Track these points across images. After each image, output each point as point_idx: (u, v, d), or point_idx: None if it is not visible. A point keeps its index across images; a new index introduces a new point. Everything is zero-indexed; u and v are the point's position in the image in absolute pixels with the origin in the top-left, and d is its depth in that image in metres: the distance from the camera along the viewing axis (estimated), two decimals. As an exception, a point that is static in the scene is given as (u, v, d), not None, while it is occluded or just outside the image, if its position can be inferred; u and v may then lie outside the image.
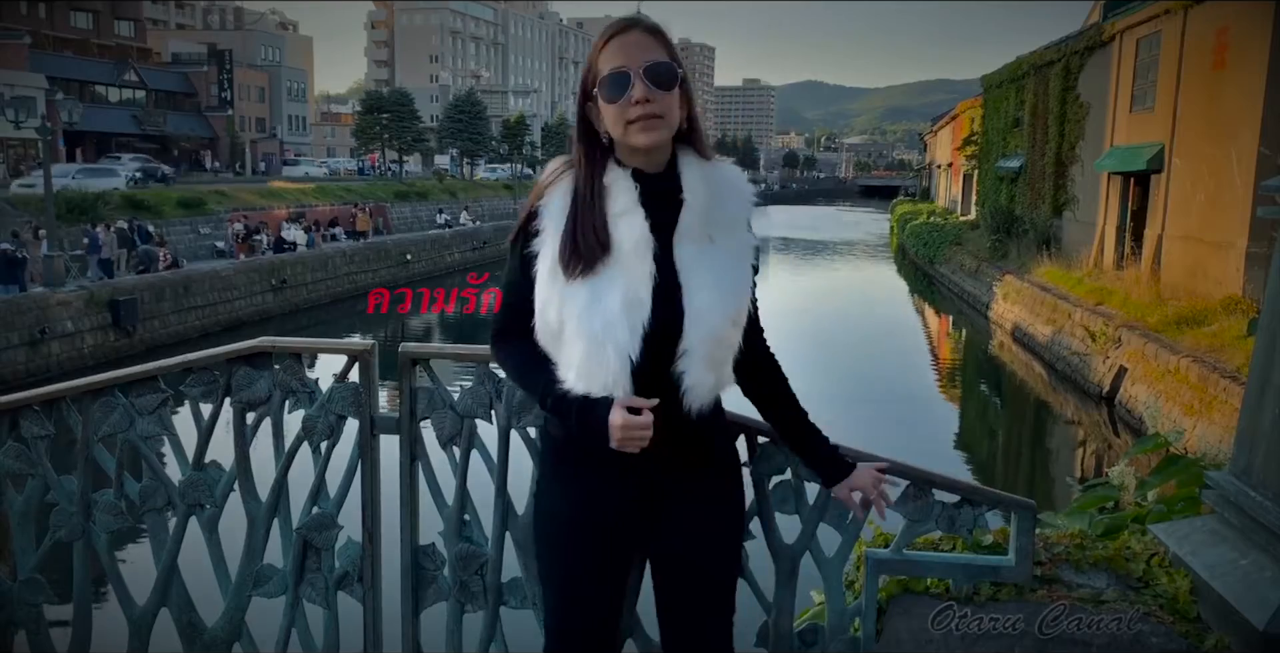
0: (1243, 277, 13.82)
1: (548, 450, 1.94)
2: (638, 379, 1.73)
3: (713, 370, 1.77)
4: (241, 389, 2.31)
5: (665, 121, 1.74)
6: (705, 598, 1.88)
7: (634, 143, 1.74)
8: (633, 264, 1.73)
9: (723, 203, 1.80)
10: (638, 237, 1.74)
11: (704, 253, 1.76)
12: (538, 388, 1.82)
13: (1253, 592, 2.02)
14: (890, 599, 2.24)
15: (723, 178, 1.82)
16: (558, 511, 1.89)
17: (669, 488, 1.83)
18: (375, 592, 2.35)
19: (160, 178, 33.49)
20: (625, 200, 1.76)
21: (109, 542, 2.39)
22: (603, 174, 1.78)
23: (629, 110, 1.72)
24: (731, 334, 1.78)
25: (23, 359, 16.11)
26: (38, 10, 55.27)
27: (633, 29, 1.75)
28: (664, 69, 1.72)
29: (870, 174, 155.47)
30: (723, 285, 1.76)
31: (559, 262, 1.75)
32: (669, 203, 1.77)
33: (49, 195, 18.68)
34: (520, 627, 2.34)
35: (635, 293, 1.73)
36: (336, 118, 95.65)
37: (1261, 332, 2.21)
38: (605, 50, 1.75)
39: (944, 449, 13.05)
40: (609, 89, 1.72)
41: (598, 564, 1.87)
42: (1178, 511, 2.59)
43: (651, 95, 1.71)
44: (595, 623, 1.90)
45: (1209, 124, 15.55)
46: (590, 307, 1.72)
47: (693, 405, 1.76)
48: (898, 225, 48.30)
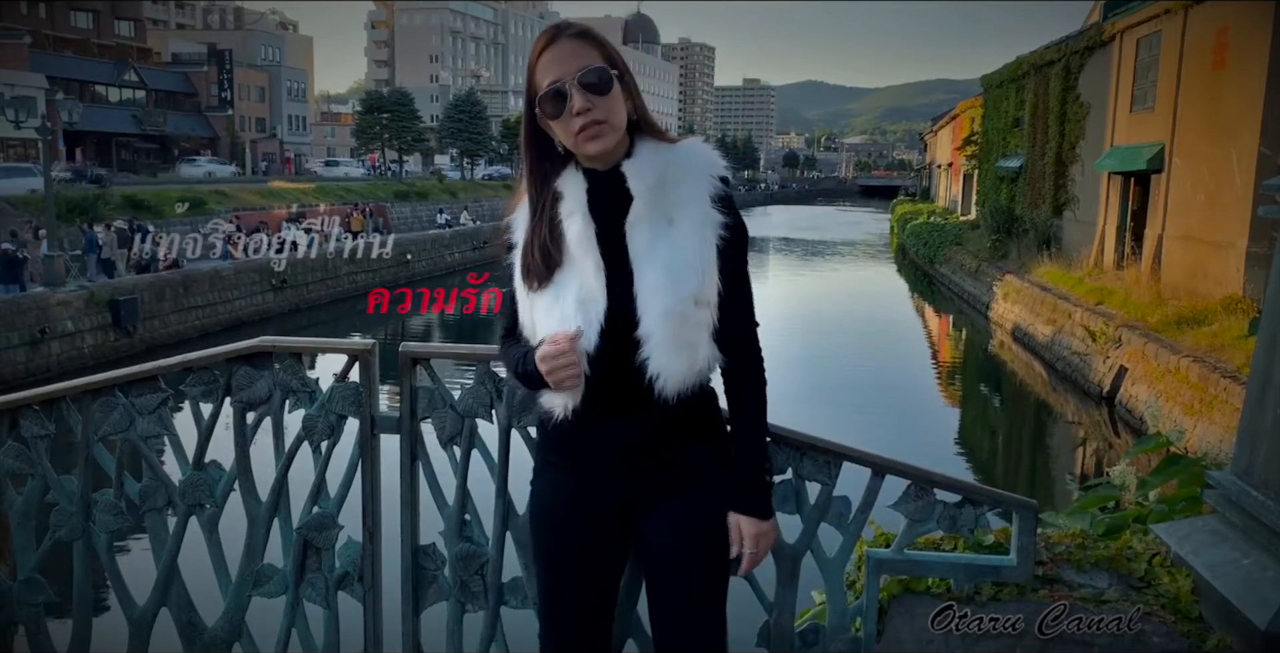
0: (1243, 276, 13.82)
1: (541, 436, 1.96)
2: (609, 374, 1.74)
3: (680, 353, 1.74)
4: (242, 389, 2.31)
5: (610, 125, 1.75)
6: (694, 589, 1.86)
7: (586, 152, 1.77)
8: (582, 262, 1.76)
9: (678, 183, 1.78)
10: (579, 235, 1.76)
11: (660, 236, 1.76)
12: (511, 366, 1.89)
13: (1255, 592, 2.02)
14: (891, 599, 2.24)
15: (680, 158, 1.81)
16: (546, 501, 1.92)
17: (654, 477, 1.83)
18: (376, 592, 2.35)
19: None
20: (570, 204, 1.79)
21: (109, 542, 2.39)
22: (556, 180, 1.82)
23: (572, 122, 1.73)
24: (695, 312, 1.75)
25: (23, 359, 16.11)
26: (38, 10, 55.29)
27: (560, 38, 1.76)
28: (597, 74, 1.73)
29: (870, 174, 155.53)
30: (677, 264, 1.74)
31: (522, 276, 1.83)
32: (624, 196, 1.77)
33: (49, 195, 18.69)
34: (521, 627, 2.34)
35: (588, 289, 1.75)
36: (337, 118, 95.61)
37: (1262, 331, 2.20)
38: (539, 65, 1.76)
39: (945, 449, 13.05)
40: (549, 105, 1.74)
41: (583, 554, 1.89)
42: (1179, 510, 2.58)
43: (590, 103, 1.72)
44: (581, 612, 1.92)
45: (1209, 124, 15.54)
46: (550, 309, 1.78)
47: (665, 391, 1.74)
48: (898, 225, 48.29)
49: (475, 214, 43.27)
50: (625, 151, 1.80)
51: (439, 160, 62.96)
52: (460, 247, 35.78)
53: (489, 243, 38.22)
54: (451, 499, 2.30)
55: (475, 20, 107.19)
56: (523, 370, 1.82)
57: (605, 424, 1.80)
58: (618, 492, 1.84)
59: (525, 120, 1.83)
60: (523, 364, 1.81)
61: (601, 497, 1.85)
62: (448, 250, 34.62)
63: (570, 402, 1.78)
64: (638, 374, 1.74)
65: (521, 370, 1.83)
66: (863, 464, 2.14)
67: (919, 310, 29.17)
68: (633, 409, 1.77)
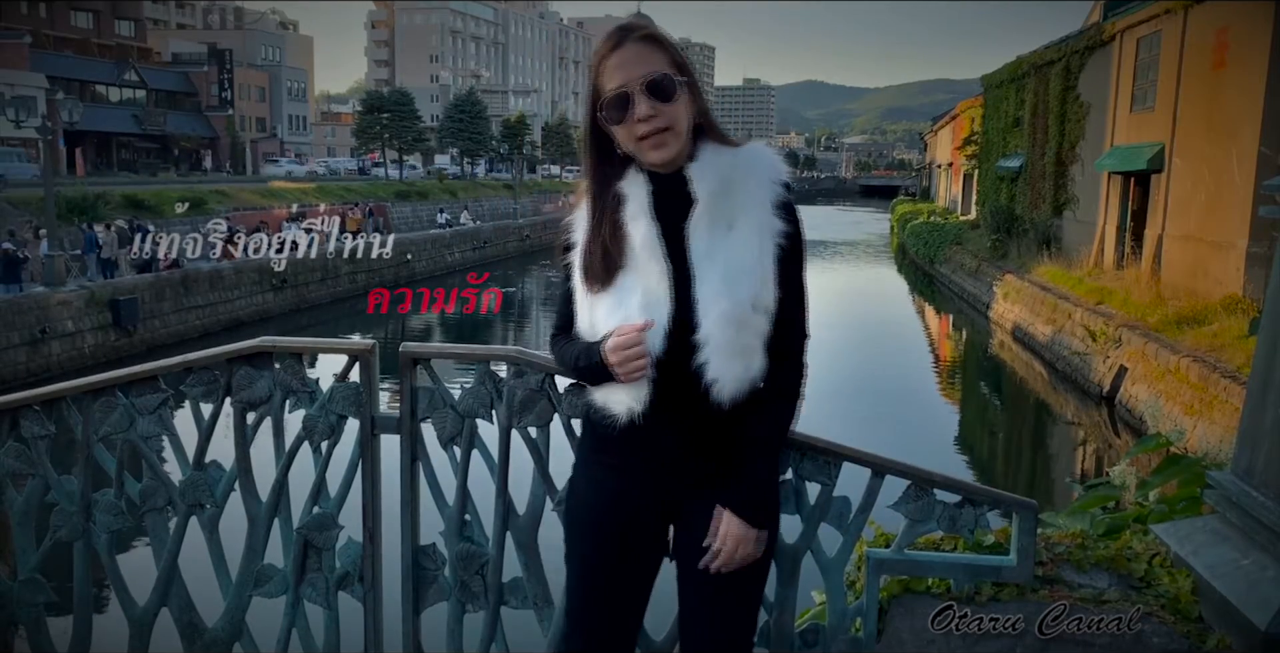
0: (1243, 276, 13.82)
1: (587, 436, 1.95)
2: (666, 376, 1.73)
3: (738, 359, 1.73)
4: (242, 389, 2.30)
5: (674, 132, 1.74)
6: (730, 595, 1.86)
7: (649, 160, 1.76)
8: (646, 265, 1.75)
9: (741, 186, 1.77)
10: (644, 238, 1.75)
11: (720, 241, 1.75)
12: (569, 361, 1.87)
13: (1255, 592, 2.02)
14: (891, 599, 2.24)
15: (744, 162, 1.79)
16: (587, 499, 1.91)
17: (702, 482, 1.83)
18: (376, 592, 2.35)
19: None
20: (635, 205, 1.77)
21: (109, 542, 2.39)
22: (618, 182, 1.79)
23: (636, 128, 1.72)
24: (754, 318, 1.74)
25: (23, 359, 16.11)
26: (38, 10, 55.29)
27: (627, 41, 1.74)
28: (664, 82, 1.71)
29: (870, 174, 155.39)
30: (735, 269, 1.73)
31: (582, 277, 1.81)
32: (686, 199, 1.76)
33: (49, 195, 18.69)
34: (521, 627, 2.34)
35: (653, 293, 1.74)
36: (337, 117, 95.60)
37: (1263, 331, 2.20)
38: (605, 68, 1.74)
39: (945, 449, 13.05)
40: (613, 110, 1.73)
41: (622, 556, 1.88)
42: (1179, 510, 2.58)
43: (655, 110, 1.70)
44: (614, 613, 1.90)
45: (1209, 124, 15.54)
46: (613, 312, 1.76)
47: (721, 396, 1.73)
48: (898, 225, 48.28)
49: (475, 214, 43.28)
50: (688, 154, 1.78)
51: (439, 160, 62.98)
52: (461, 246, 35.77)
53: (489, 243, 38.24)
54: (452, 499, 2.30)
55: (475, 20, 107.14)
56: (585, 364, 1.80)
57: (658, 426, 1.78)
58: (662, 494, 1.84)
59: (587, 122, 1.80)
60: (585, 357, 1.79)
61: (646, 498, 1.84)
62: (448, 250, 34.62)
63: (634, 402, 1.76)
64: (694, 377, 1.73)
65: (585, 364, 1.80)
66: (863, 464, 2.14)
67: (919, 310, 29.17)
68: (686, 412, 1.76)
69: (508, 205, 47.71)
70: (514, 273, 36.68)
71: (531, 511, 2.26)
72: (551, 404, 2.21)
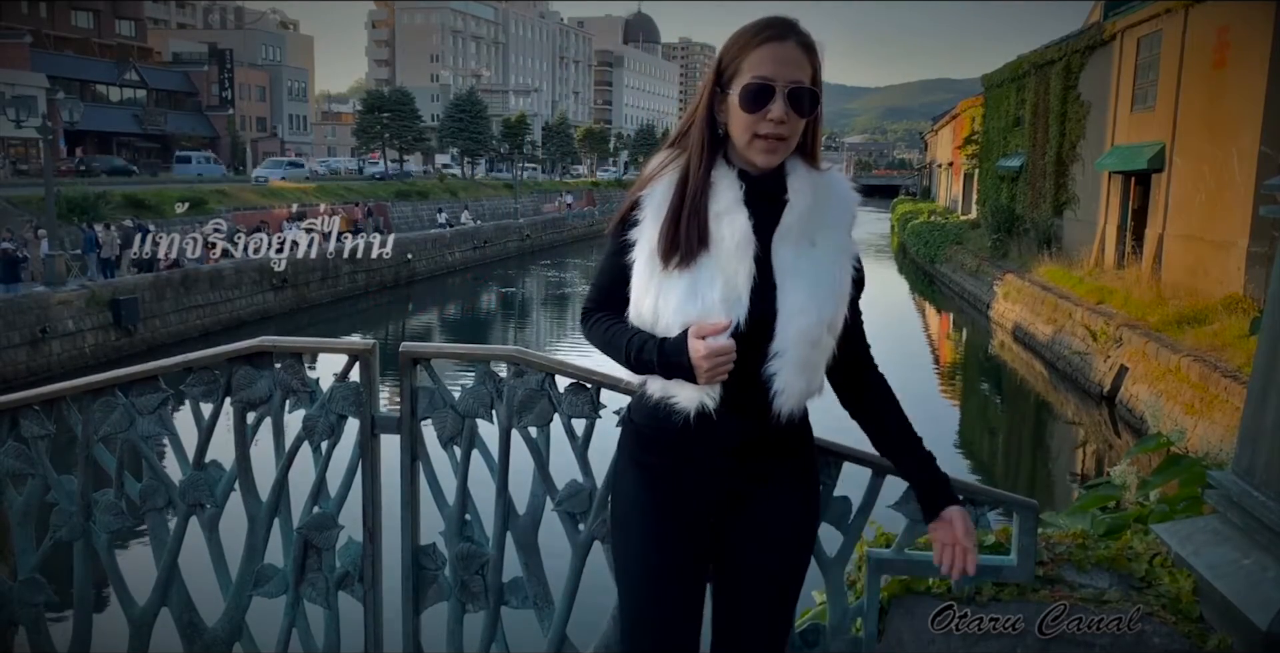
0: (1244, 276, 13.82)
1: (628, 435, 1.90)
2: (736, 381, 1.71)
3: (804, 375, 1.73)
4: (242, 389, 2.30)
5: (788, 144, 1.73)
6: (769, 603, 1.85)
7: (754, 160, 1.74)
8: (732, 262, 1.72)
9: (826, 207, 1.78)
10: (739, 235, 1.72)
11: (803, 255, 1.74)
12: (622, 346, 1.78)
13: (1255, 592, 2.02)
14: (892, 599, 2.24)
15: (827, 184, 1.80)
16: (636, 496, 1.86)
17: (749, 490, 1.82)
18: (376, 592, 2.35)
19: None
20: (728, 199, 1.74)
21: (109, 542, 2.39)
22: (710, 169, 1.77)
23: (760, 125, 1.70)
24: (826, 338, 1.75)
25: (24, 358, 16.12)
26: (39, 9, 55.31)
27: (789, 39, 1.71)
28: (807, 95, 1.70)
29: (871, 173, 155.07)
30: (819, 287, 1.73)
31: (657, 252, 1.74)
32: (772, 204, 1.75)
33: (49, 195, 18.70)
34: (521, 627, 2.34)
35: (734, 290, 1.71)
36: (337, 117, 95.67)
37: (1264, 331, 2.20)
38: (756, 52, 1.71)
39: (945, 449, 13.05)
40: (748, 99, 1.69)
41: (683, 554, 1.84)
42: (1180, 510, 2.58)
43: (788, 117, 1.69)
44: (682, 613, 1.85)
45: (1210, 123, 15.54)
46: (689, 299, 1.71)
47: (783, 409, 1.73)
48: (898, 224, 48.28)
49: (476, 214, 43.29)
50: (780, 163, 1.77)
51: (439, 160, 63.00)
52: (461, 246, 35.79)
53: (489, 242, 38.23)
54: (452, 499, 2.30)
55: (476, 20, 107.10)
56: (658, 359, 1.72)
57: (718, 427, 1.76)
58: (711, 494, 1.81)
59: (705, 98, 1.77)
60: (658, 353, 1.71)
61: (694, 498, 1.82)
62: (448, 250, 34.63)
63: (708, 399, 1.73)
64: (760, 385, 1.72)
65: (656, 359, 1.72)
66: (863, 464, 2.14)
67: (919, 309, 29.16)
68: (746, 417, 1.75)
69: (508, 205, 47.73)
70: (514, 273, 36.68)
71: (532, 510, 2.26)
72: (552, 404, 2.21)
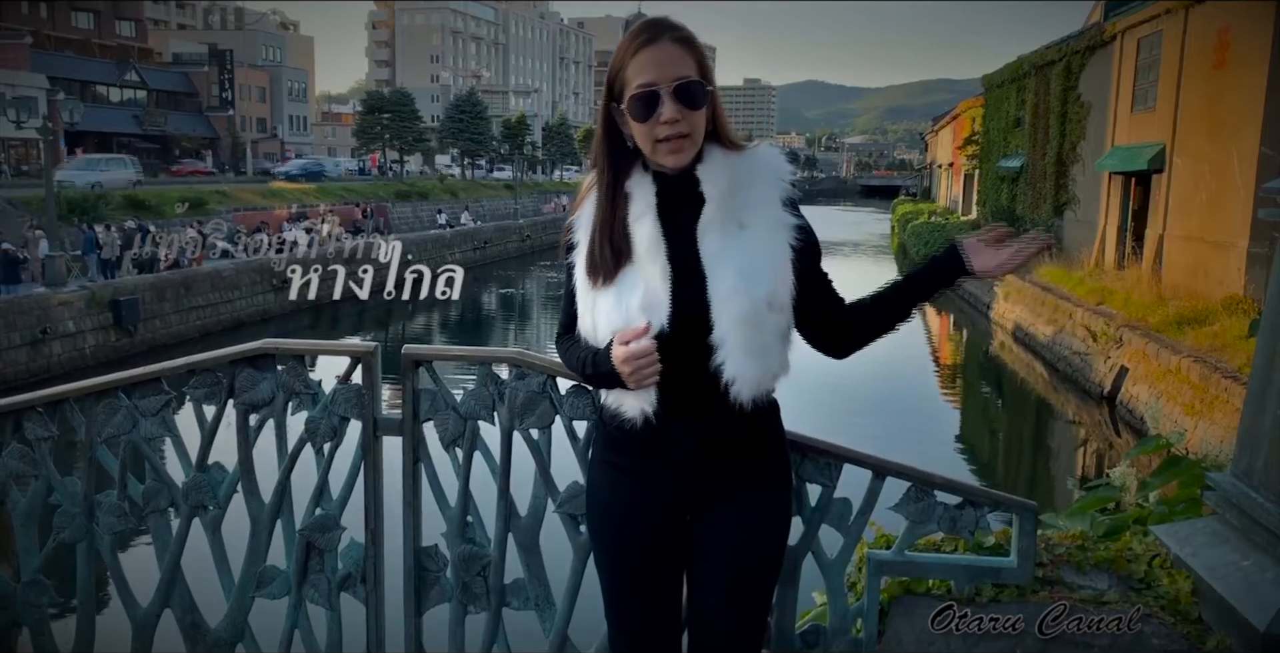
0: (1244, 277, 13.82)
1: (599, 438, 1.94)
2: (681, 378, 1.73)
3: (755, 358, 1.73)
4: (245, 391, 2.31)
5: (692, 140, 1.73)
6: (741, 598, 1.86)
7: (662, 163, 1.76)
8: (649, 266, 1.74)
9: (749, 187, 1.78)
10: (648, 238, 1.74)
11: (732, 241, 1.75)
12: (574, 364, 1.86)
13: (1254, 593, 2.02)
14: (892, 600, 2.24)
15: (751, 163, 1.80)
16: (602, 497, 1.90)
17: (716, 490, 1.82)
18: (378, 593, 2.35)
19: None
20: (641, 205, 1.77)
21: (112, 543, 2.40)
22: (626, 180, 1.79)
23: (657, 129, 1.71)
24: (769, 316, 1.74)
25: (24, 359, 16.12)
26: (39, 10, 55.28)
27: (662, 39, 1.71)
28: (694, 89, 1.70)
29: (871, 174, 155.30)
30: (751, 269, 1.73)
31: (586, 272, 1.79)
32: (693, 199, 1.76)
33: (49, 195, 18.70)
34: (523, 628, 2.35)
35: (654, 294, 1.73)
36: (337, 118, 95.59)
37: (1263, 332, 2.21)
38: (634, 61, 1.71)
39: (945, 450, 13.05)
40: (637, 108, 1.70)
41: (652, 555, 1.86)
42: (1179, 512, 2.59)
43: (681, 115, 1.70)
44: (655, 612, 1.89)
45: (1210, 124, 15.54)
46: (615, 310, 1.75)
47: (740, 396, 1.74)
48: (899, 225, 48.26)
49: (476, 214, 43.29)
50: (696, 155, 1.77)
51: (439, 160, 63.01)
52: (461, 246, 35.80)
53: (489, 243, 38.23)
54: (453, 501, 2.30)
55: (476, 20, 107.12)
56: (593, 372, 1.80)
57: (674, 428, 1.78)
58: (677, 494, 1.83)
59: (602, 114, 1.79)
60: (592, 365, 1.79)
61: (664, 497, 1.83)
62: (449, 250, 34.64)
63: (646, 405, 1.76)
64: (711, 379, 1.73)
65: (591, 372, 1.81)
66: (863, 466, 2.14)
67: (919, 310, 29.12)
68: (703, 414, 1.76)
69: (508, 206, 47.72)
70: (515, 273, 36.69)
71: (533, 512, 2.26)
72: (553, 406, 2.22)
